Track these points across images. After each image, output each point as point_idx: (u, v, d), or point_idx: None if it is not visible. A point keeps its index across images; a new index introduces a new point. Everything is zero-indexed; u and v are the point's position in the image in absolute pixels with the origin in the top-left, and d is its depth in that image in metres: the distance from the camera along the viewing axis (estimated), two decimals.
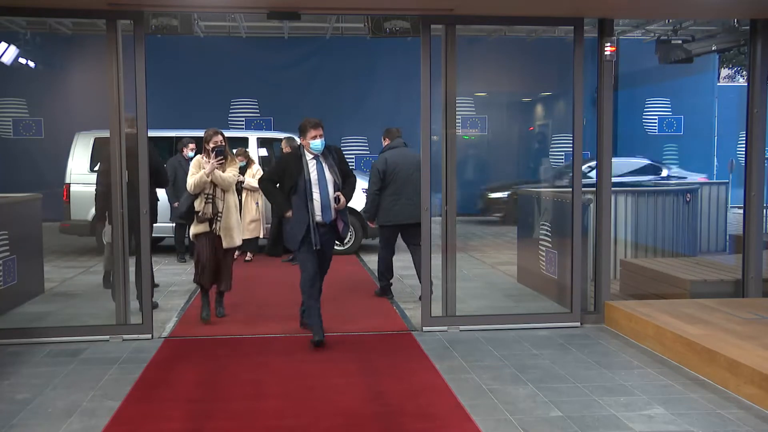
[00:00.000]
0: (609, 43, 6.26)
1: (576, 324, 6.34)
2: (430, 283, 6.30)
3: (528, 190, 8.74)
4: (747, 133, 6.66)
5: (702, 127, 17.74)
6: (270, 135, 12.08)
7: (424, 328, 6.19)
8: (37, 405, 4.40)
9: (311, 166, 5.69)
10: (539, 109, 17.64)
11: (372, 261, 8.98)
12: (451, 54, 6.13)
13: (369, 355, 5.47)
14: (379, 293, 7.62)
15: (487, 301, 7.42)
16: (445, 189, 6.22)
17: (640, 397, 4.52)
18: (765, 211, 6.91)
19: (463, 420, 4.16)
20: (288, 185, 5.71)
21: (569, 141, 6.48)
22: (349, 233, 6.41)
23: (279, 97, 15.75)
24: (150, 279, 6.25)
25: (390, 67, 15.58)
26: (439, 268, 6.29)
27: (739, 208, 7.92)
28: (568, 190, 6.52)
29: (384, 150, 7.52)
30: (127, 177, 5.98)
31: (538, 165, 16.52)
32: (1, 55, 11.20)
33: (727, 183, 10.93)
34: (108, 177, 6.00)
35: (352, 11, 8.64)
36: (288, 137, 9.84)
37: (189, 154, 9.41)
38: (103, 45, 5.86)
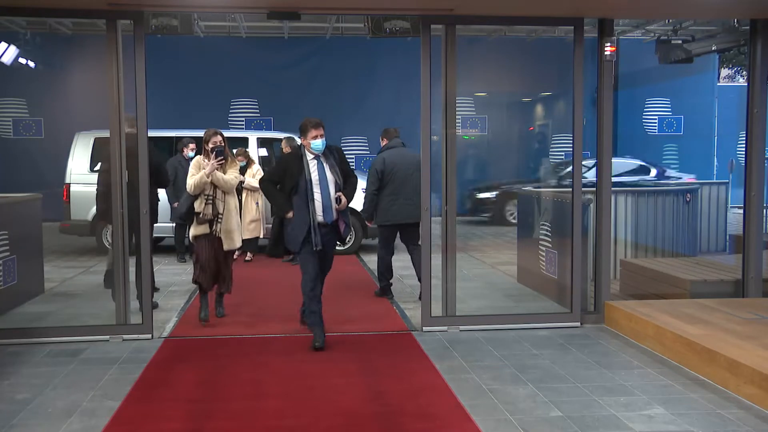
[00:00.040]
0: (609, 43, 6.26)
1: (576, 324, 6.34)
2: (430, 283, 6.31)
3: (528, 190, 8.74)
4: (747, 133, 6.66)
5: (702, 127, 17.73)
6: (270, 135, 12.08)
7: (424, 328, 6.19)
8: (37, 405, 4.40)
9: (312, 166, 5.65)
10: (539, 109, 17.63)
11: (372, 261, 8.98)
12: (451, 54, 6.13)
13: (369, 355, 5.47)
14: (379, 293, 7.62)
15: (487, 301, 7.42)
16: (445, 189, 6.23)
17: (640, 397, 4.52)
18: (765, 211, 6.91)
19: (463, 420, 4.16)
20: (289, 186, 5.66)
21: (569, 141, 6.49)
22: (350, 234, 6.39)
23: (279, 97, 15.75)
24: (150, 279, 6.24)
25: (390, 67, 15.58)
26: (439, 268, 6.29)
27: (739, 208, 7.92)
28: (568, 190, 6.53)
29: (382, 150, 7.52)
30: (127, 177, 5.98)
31: (538, 165, 16.51)
32: (1, 55, 11.21)
33: (727, 183, 10.93)
34: (109, 177, 6.00)
35: (352, 11, 8.64)
36: (288, 137, 9.84)
37: (189, 154, 9.40)
38: (103, 45, 5.86)
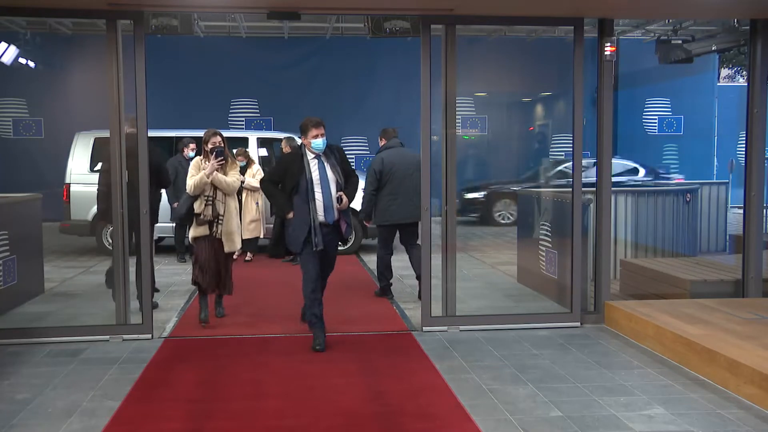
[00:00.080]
0: (609, 43, 6.26)
1: (576, 324, 6.34)
2: (430, 283, 6.30)
3: (528, 190, 8.74)
4: (747, 133, 6.66)
5: (702, 127, 17.73)
6: (270, 135, 12.08)
7: (424, 328, 6.18)
8: (37, 405, 4.40)
9: (313, 165, 5.62)
10: (539, 109, 17.63)
11: (372, 261, 8.98)
12: (451, 54, 6.12)
13: (369, 355, 5.47)
14: (379, 293, 7.62)
15: (487, 301, 7.42)
16: (445, 189, 6.23)
17: (640, 397, 4.52)
18: (765, 211, 6.92)
19: (463, 420, 4.16)
20: (289, 185, 5.63)
21: (569, 141, 6.48)
22: (352, 234, 6.38)
23: (279, 97, 15.75)
24: (150, 279, 6.24)
25: (390, 67, 15.58)
26: (439, 268, 6.29)
27: (739, 208, 7.92)
28: (568, 190, 6.53)
29: (380, 150, 7.52)
30: (127, 177, 5.97)
31: (538, 165, 16.50)
32: (1, 55, 11.21)
33: (727, 183, 10.93)
34: (109, 177, 5.99)
35: (352, 11, 8.64)
36: (288, 137, 9.84)
37: (189, 154, 9.40)
38: (103, 45, 5.86)
